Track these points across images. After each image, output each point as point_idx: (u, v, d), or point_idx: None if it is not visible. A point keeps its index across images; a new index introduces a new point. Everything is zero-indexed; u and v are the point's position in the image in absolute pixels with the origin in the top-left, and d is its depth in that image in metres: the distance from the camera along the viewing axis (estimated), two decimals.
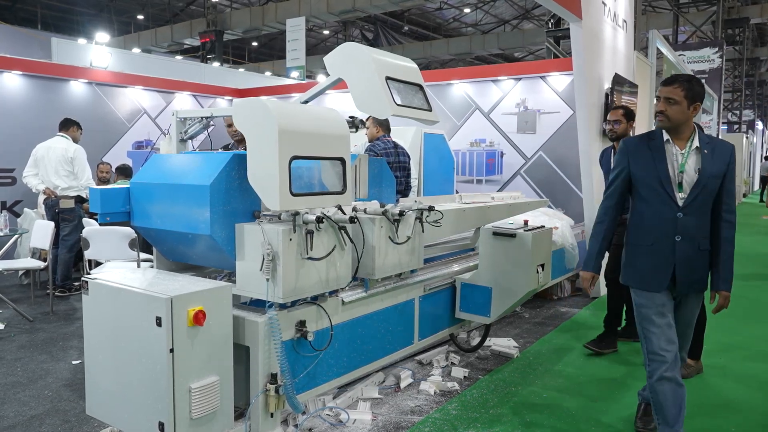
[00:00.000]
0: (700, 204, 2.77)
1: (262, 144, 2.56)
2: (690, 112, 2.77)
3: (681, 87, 2.75)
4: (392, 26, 23.45)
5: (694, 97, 2.76)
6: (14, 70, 7.83)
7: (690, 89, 2.75)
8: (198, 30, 19.29)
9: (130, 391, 2.47)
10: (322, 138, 2.75)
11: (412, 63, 3.61)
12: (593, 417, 3.39)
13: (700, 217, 2.79)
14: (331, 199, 2.80)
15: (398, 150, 5.03)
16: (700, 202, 2.77)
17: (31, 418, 3.31)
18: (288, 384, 2.66)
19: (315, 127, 2.73)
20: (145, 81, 9.54)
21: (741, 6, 17.80)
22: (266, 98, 2.77)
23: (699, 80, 2.88)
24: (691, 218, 2.77)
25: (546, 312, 5.76)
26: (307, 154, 2.67)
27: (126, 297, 2.46)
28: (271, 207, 2.59)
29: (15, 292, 6.30)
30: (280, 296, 2.60)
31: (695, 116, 2.82)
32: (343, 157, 2.86)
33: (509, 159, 8.10)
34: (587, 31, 6.02)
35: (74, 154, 6.21)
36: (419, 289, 3.63)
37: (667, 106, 2.76)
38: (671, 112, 2.76)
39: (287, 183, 2.54)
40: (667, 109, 2.76)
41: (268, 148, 2.53)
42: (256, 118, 2.58)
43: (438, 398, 3.63)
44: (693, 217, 2.77)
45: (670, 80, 2.81)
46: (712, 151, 2.77)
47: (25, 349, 4.50)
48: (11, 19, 19.34)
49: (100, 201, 2.93)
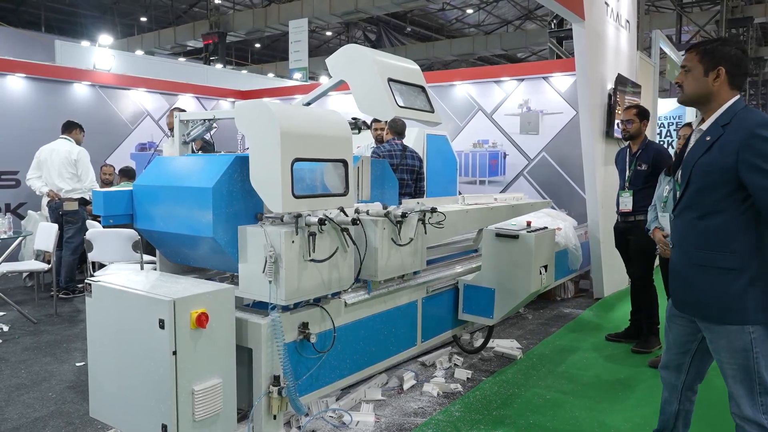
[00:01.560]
0: (691, 204, 2.25)
1: (265, 146, 2.56)
2: (710, 80, 2.21)
3: (695, 50, 2.25)
4: (395, 27, 23.45)
5: (715, 60, 2.19)
6: (18, 73, 7.86)
7: (707, 51, 2.21)
8: (201, 32, 19.33)
9: (133, 393, 2.47)
10: (324, 140, 2.75)
11: (414, 64, 3.61)
12: (597, 419, 3.38)
13: (692, 221, 2.24)
14: (334, 201, 2.80)
15: (406, 153, 5.05)
16: (690, 202, 2.25)
17: (35, 420, 3.32)
18: (291, 386, 2.66)
19: (317, 129, 2.73)
20: (148, 83, 9.57)
21: (745, 5, 17.74)
22: (268, 100, 2.77)
23: (730, 40, 2.28)
24: (681, 221, 2.30)
25: (549, 313, 5.75)
26: (309, 156, 2.66)
27: (129, 299, 2.46)
28: (273, 209, 2.59)
29: (19, 294, 6.32)
30: (283, 298, 2.60)
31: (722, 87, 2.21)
32: (345, 159, 2.86)
33: (512, 160, 8.10)
34: (590, 32, 6.01)
35: (77, 156, 6.22)
36: (422, 291, 3.63)
37: (683, 77, 2.29)
38: (685, 83, 2.28)
39: (289, 185, 2.54)
40: (684, 80, 2.29)
41: (270, 151, 2.53)
42: (258, 121, 2.59)
43: (441, 400, 3.63)
44: (683, 219, 2.29)
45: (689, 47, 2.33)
46: (718, 136, 2.17)
47: (29, 351, 4.51)
48: (15, 21, 19.41)
49: (103, 203, 2.94)
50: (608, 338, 4.85)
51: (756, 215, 2.13)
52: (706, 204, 2.20)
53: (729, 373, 2.24)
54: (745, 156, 2.08)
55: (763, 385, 2.17)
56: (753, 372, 2.17)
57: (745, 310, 2.13)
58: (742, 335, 2.16)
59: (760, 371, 2.16)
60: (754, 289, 2.13)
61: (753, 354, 2.16)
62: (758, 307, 2.13)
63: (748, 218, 2.14)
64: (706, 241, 2.21)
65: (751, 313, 2.13)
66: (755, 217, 2.13)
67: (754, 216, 2.13)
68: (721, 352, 2.25)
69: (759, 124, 2.09)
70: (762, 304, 2.13)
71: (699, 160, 2.21)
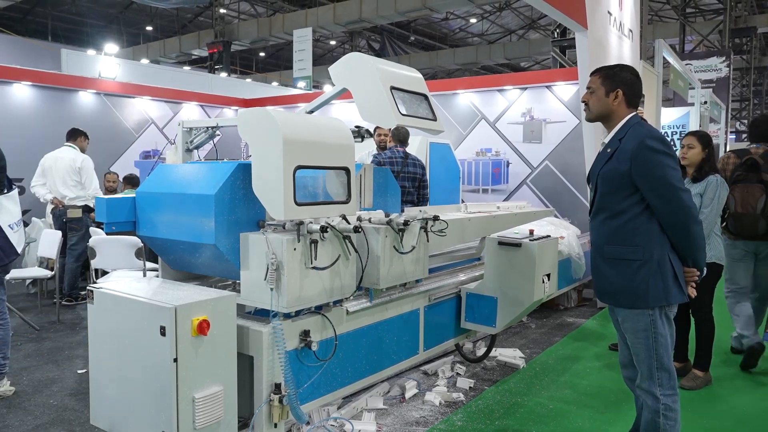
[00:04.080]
0: (600, 207, 2.59)
1: (267, 153, 2.57)
2: (611, 100, 2.56)
3: (599, 74, 2.61)
4: (399, 36, 23.56)
5: (615, 83, 2.56)
6: (24, 81, 7.92)
7: (608, 75, 2.58)
8: (206, 41, 19.46)
9: (134, 400, 2.47)
10: (326, 148, 2.75)
11: (416, 72, 3.62)
12: (600, 429, 3.35)
13: (603, 222, 2.58)
14: (336, 208, 2.80)
15: (408, 161, 5.05)
16: (600, 205, 2.59)
17: (36, 427, 3.31)
18: (292, 394, 2.65)
19: (319, 137, 2.74)
20: (153, 91, 9.63)
21: (748, 15, 17.76)
22: (271, 108, 2.79)
23: (626, 66, 2.66)
24: (595, 222, 2.64)
25: (552, 322, 5.72)
26: (312, 164, 2.67)
27: (130, 306, 2.47)
28: (275, 217, 2.59)
29: (22, 301, 6.33)
30: (285, 306, 2.59)
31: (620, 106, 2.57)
32: (348, 166, 2.87)
33: (515, 168, 8.09)
34: (593, 41, 6.02)
35: (82, 164, 6.25)
36: (424, 299, 3.62)
37: (588, 97, 2.64)
38: (590, 102, 2.63)
39: (291, 192, 2.55)
40: (589, 99, 2.64)
41: (273, 158, 2.54)
42: (260, 128, 2.59)
43: (443, 409, 3.61)
44: (596, 221, 2.63)
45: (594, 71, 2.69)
46: (616, 147, 2.53)
47: (31, 358, 4.51)
48: (22, 30, 19.58)
49: (106, 210, 2.95)
50: (611, 348, 4.82)
51: (653, 213, 2.47)
52: (612, 206, 2.54)
53: (635, 351, 2.61)
54: (636, 163, 2.44)
55: (659, 361, 2.55)
56: (651, 349, 2.54)
57: (648, 295, 2.48)
58: (643, 317, 2.53)
59: (657, 349, 2.54)
60: (655, 277, 2.47)
61: (652, 334, 2.53)
62: (657, 293, 2.47)
63: (648, 216, 2.48)
64: (614, 237, 2.54)
65: (651, 298, 2.48)
66: (653, 214, 2.47)
67: (652, 214, 2.48)
68: (629, 333, 2.61)
69: (647, 136, 2.45)
70: (661, 291, 2.47)
71: (602, 169, 2.57)
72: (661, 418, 2.55)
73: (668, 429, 2.56)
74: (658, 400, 2.55)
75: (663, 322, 2.53)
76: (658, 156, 2.42)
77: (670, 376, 2.57)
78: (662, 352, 2.54)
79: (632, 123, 2.55)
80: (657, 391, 2.56)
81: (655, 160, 2.42)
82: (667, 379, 2.56)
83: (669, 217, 2.44)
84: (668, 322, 2.56)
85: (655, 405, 2.56)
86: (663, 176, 2.41)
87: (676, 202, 2.41)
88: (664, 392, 2.56)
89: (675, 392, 2.58)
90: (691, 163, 3.96)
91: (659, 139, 2.46)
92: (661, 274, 2.47)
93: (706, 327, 4.01)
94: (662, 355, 2.54)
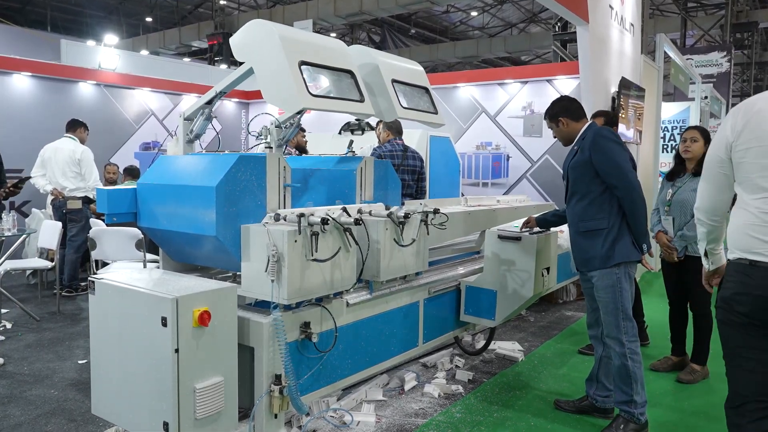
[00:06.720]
0: (572, 192, 3.22)
1: (270, 59, 2.61)
2: (563, 128, 3.26)
3: (546, 116, 3.35)
4: (399, 29, 23.45)
5: (555, 116, 3.27)
6: (24, 72, 7.90)
7: (549, 116, 3.31)
8: (206, 32, 19.35)
9: (135, 390, 2.48)
10: (326, 49, 2.78)
11: (417, 66, 3.61)
12: (598, 421, 3.37)
13: (576, 204, 3.19)
14: (351, 105, 2.79)
15: (407, 153, 5.02)
16: (572, 191, 3.22)
17: (37, 417, 3.33)
18: (292, 385, 2.67)
19: (317, 39, 2.81)
20: (153, 83, 9.60)
21: (750, 10, 17.70)
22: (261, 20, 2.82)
23: (557, 99, 3.36)
24: (570, 205, 3.26)
25: (551, 316, 5.74)
26: (315, 61, 2.69)
27: (132, 297, 2.47)
28: (292, 109, 2.62)
29: (22, 292, 6.34)
30: (285, 297, 2.60)
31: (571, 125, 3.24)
32: (352, 69, 2.93)
33: (515, 162, 8.09)
34: (594, 35, 6.01)
35: (81, 155, 6.25)
36: (424, 292, 3.63)
37: (555, 133, 3.36)
38: (558, 136, 3.35)
39: (303, 84, 2.56)
40: (556, 134, 3.35)
41: (275, 58, 2.58)
42: (256, 39, 2.63)
43: (442, 401, 3.63)
44: (570, 204, 3.25)
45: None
46: (580, 145, 3.17)
47: (32, 348, 4.53)
48: (21, 21, 19.47)
49: (106, 202, 2.95)
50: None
51: (612, 192, 3.07)
52: (581, 189, 3.16)
53: (604, 305, 3.15)
54: (593, 151, 3.08)
55: (624, 312, 3.12)
56: (618, 302, 3.10)
57: (613, 256, 3.07)
58: (611, 275, 3.09)
59: (623, 302, 3.11)
60: (619, 242, 3.08)
61: (618, 288, 3.10)
62: (621, 254, 3.07)
63: (609, 195, 3.09)
64: (585, 214, 3.16)
65: (617, 256, 3.07)
66: (612, 194, 3.07)
67: (612, 193, 3.07)
68: (599, 291, 3.15)
69: (599, 130, 3.17)
70: (624, 252, 3.08)
71: (571, 162, 3.22)
72: (629, 361, 3.09)
73: (636, 369, 3.10)
74: (624, 345, 3.10)
75: (626, 279, 3.11)
76: (609, 143, 3.09)
77: (633, 326, 3.14)
78: (627, 305, 3.12)
79: (589, 128, 3.23)
80: (623, 338, 3.11)
81: (607, 146, 3.08)
82: (631, 327, 3.12)
83: (620, 191, 3.04)
84: (630, 280, 3.15)
85: (622, 350, 3.11)
86: (612, 158, 3.06)
87: (623, 178, 3.03)
88: (629, 339, 3.12)
89: (637, 339, 3.15)
90: (693, 157, 3.96)
91: (609, 132, 3.18)
92: (622, 238, 3.08)
93: (704, 322, 4.03)
94: (627, 307, 3.13)
